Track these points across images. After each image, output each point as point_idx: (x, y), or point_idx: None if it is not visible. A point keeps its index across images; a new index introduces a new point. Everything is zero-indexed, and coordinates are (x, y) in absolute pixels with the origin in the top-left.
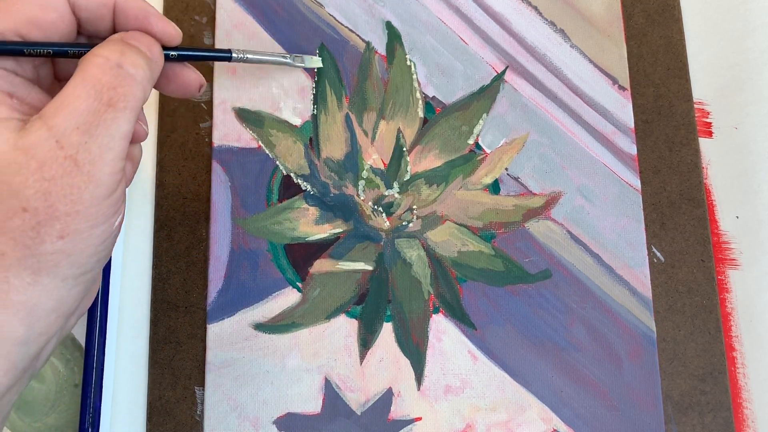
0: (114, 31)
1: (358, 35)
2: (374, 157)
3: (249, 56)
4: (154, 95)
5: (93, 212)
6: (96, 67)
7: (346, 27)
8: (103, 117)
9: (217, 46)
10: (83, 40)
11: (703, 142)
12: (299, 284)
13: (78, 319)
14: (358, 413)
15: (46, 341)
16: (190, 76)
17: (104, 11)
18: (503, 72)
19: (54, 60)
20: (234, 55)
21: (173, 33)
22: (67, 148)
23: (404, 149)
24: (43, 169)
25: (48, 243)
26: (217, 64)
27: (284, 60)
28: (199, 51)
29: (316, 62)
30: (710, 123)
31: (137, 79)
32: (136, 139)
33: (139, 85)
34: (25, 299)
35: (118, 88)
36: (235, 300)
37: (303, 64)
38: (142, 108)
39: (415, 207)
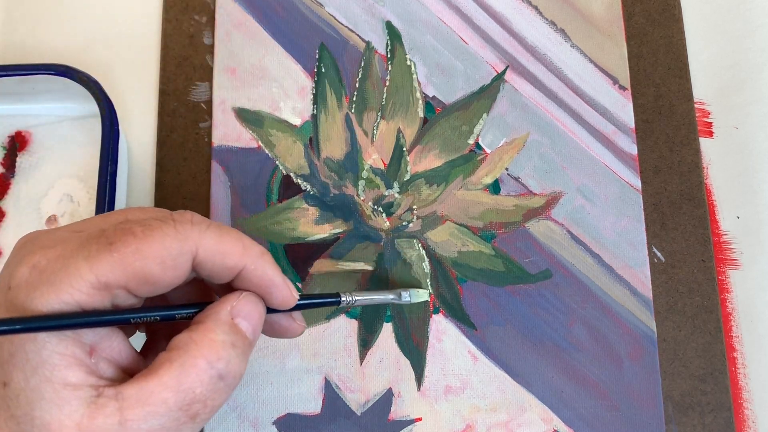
0: (229, 287)
1: (358, 35)
2: (374, 157)
3: (357, 299)
4: (153, 95)
5: None
6: (196, 373)
7: (346, 27)
8: (181, 428)
9: (217, 45)
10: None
11: (704, 142)
12: (299, 284)
13: None
14: (358, 413)
15: None
16: (292, 326)
17: (227, 274)
18: (503, 72)
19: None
20: (342, 299)
21: (290, 301)
22: None
23: (404, 149)
24: None
25: None
26: (217, 64)
27: (391, 299)
28: (309, 299)
29: (423, 296)
30: (711, 123)
31: (233, 386)
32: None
33: (231, 391)
34: None
35: (209, 401)
36: None
37: (410, 300)
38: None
39: (415, 207)
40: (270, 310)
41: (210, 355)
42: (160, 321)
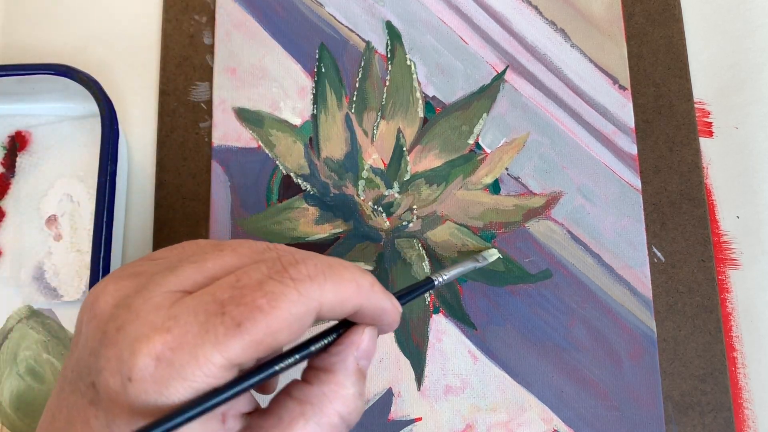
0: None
1: (358, 35)
2: (374, 157)
3: (446, 276)
4: (153, 95)
5: None
6: (330, 429)
7: (346, 27)
8: None
9: (217, 45)
10: None
11: (704, 142)
12: None
13: None
14: None
15: None
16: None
17: (343, 315)
18: (503, 72)
19: None
20: (435, 282)
21: (398, 321)
22: None
23: (404, 149)
24: None
25: None
26: (217, 64)
27: (472, 267)
28: (407, 296)
29: (494, 254)
30: (711, 123)
31: (351, 426)
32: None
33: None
34: None
35: None
36: None
37: (487, 261)
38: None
39: (415, 207)
40: None
41: (343, 411)
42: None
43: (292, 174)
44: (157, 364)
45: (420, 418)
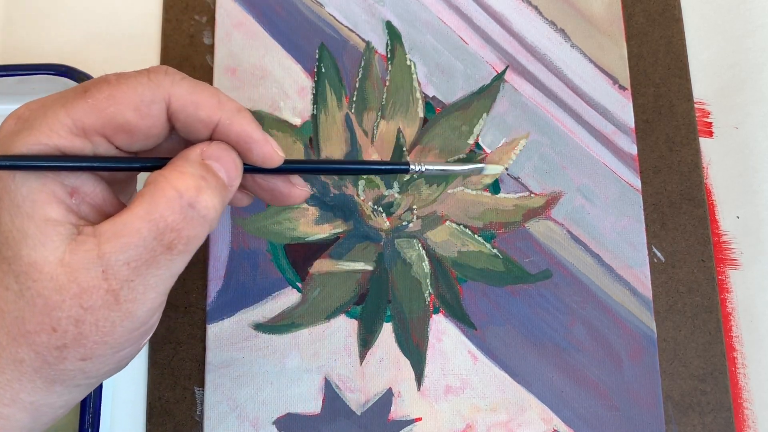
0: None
1: (358, 35)
2: (374, 157)
3: (426, 167)
4: None
5: (121, 341)
6: (166, 201)
7: (346, 27)
8: (158, 258)
9: (217, 46)
10: (171, 140)
11: (704, 142)
12: (299, 284)
13: None
14: (358, 413)
15: (50, 424)
16: (294, 192)
17: (202, 128)
18: (503, 72)
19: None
20: (413, 167)
21: (273, 158)
22: (111, 281)
23: (404, 149)
24: (83, 297)
25: (69, 362)
26: (217, 64)
27: (466, 169)
28: (375, 164)
29: (494, 169)
30: (710, 123)
31: (207, 219)
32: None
33: (208, 225)
34: (35, 400)
35: (183, 231)
36: (234, 300)
37: (485, 172)
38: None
39: (415, 207)
40: (259, 171)
41: (178, 184)
42: (133, 171)
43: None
44: (17, 121)
45: (420, 418)
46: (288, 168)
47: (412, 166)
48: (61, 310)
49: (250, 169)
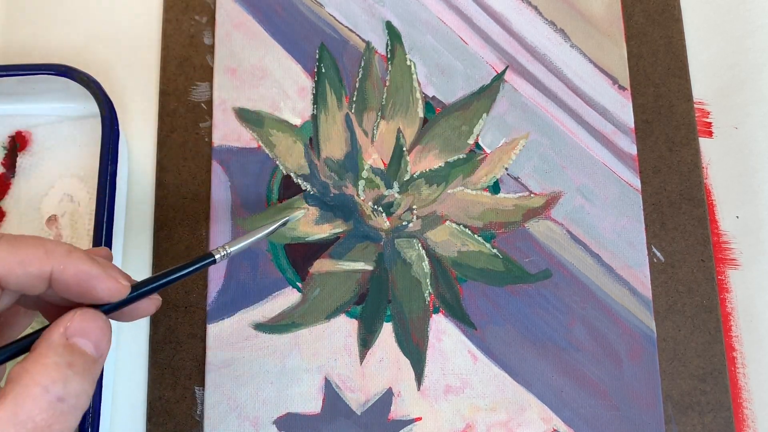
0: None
1: (358, 35)
2: (374, 157)
3: (233, 249)
4: (154, 95)
5: None
6: (32, 400)
7: (346, 27)
8: None
9: (217, 46)
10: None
11: (703, 142)
12: (299, 284)
13: None
14: (358, 413)
15: None
16: (142, 306)
17: (38, 283)
18: (503, 72)
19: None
20: (216, 256)
21: (119, 291)
22: None
23: (404, 149)
24: None
25: None
26: (217, 64)
27: (268, 232)
28: (158, 282)
29: (297, 215)
30: (710, 123)
31: (79, 407)
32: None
33: (81, 411)
34: None
35: (54, 426)
36: (235, 300)
37: (289, 220)
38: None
39: (415, 207)
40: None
41: (44, 380)
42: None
43: (292, 174)
44: None
45: (420, 418)
46: (137, 294)
47: (216, 256)
48: None
49: (108, 309)
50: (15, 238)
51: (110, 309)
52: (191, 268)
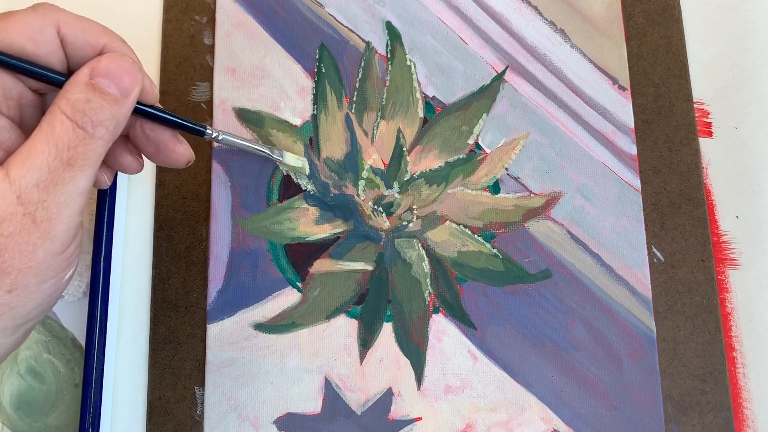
0: None
1: (358, 35)
2: (374, 157)
3: (223, 137)
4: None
5: (45, 267)
6: (60, 125)
7: (346, 27)
8: (62, 176)
9: (217, 46)
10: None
11: (703, 142)
12: (299, 284)
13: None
14: (358, 413)
15: None
16: (178, 149)
17: (91, 52)
18: (503, 72)
19: (42, 101)
20: (208, 131)
21: (150, 91)
22: (26, 204)
23: (404, 149)
24: (2, 225)
25: None
26: (217, 64)
27: (263, 152)
28: (172, 116)
29: (293, 160)
30: (710, 123)
31: (98, 136)
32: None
33: (100, 141)
34: None
35: (78, 147)
36: (235, 300)
37: (281, 159)
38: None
39: (415, 207)
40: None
41: (66, 110)
42: (30, 75)
43: (292, 174)
44: None
45: (420, 418)
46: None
47: (208, 131)
48: None
49: (137, 110)
50: (78, 14)
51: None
52: (184, 122)
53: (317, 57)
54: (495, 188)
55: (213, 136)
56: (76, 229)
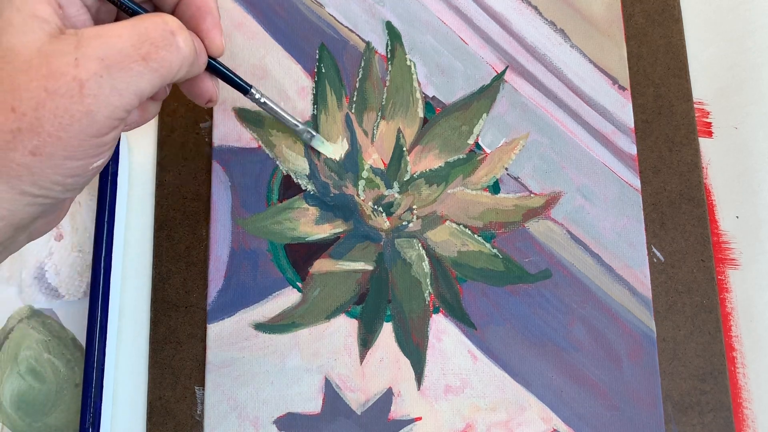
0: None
1: (358, 35)
2: (374, 157)
3: (265, 101)
4: None
5: (75, 144)
6: (151, 22)
7: (346, 27)
8: (131, 65)
9: None
10: None
11: (703, 142)
12: (299, 284)
13: (29, 241)
14: (358, 413)
15: None
16: (208, 85)
17: None
18: (503, 72)
19: (117, 12)
20: (252, 91)
21: (219, 45)
22: (81, 69)
23: (404, 149)
24: (49, 80)
25: (18, 152)
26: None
27: (295, 126)
28: (228, 70)
29: (320, 145)
30: (710, 123)
31: (181, 52)
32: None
33: (180, 58)
34: None
35: (160, 49)
36: (235, 300)
37: (310, 142)
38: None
39: (415, 207)
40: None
41: (165, 17)
42: None
43: (292, 174)
44: None
45: (420, 418)
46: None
47: (252, 91)
48: (26, 90)
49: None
50: None
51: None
52: (233, 75)
53: (317, 57)
54: (495, 188)
55: (256, 98)
56: (118, 122)
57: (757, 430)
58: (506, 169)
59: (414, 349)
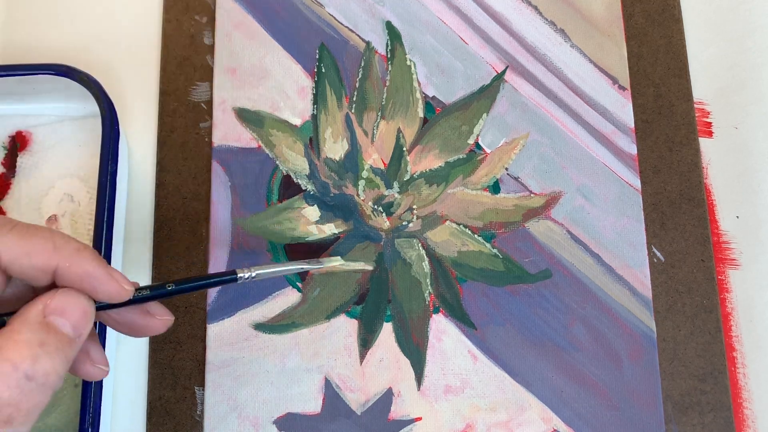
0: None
1: (358, 35)
2: (374, 157)
3: (257, 273)
4: (154, 95)
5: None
6: (1, 377)
7: (346, 27)
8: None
9: (217, 46)
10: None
11: (703, 142)
12: (299, 284)
13: None
14: (358, 413)
15: None
16: (151, 323)
17: (41, 275)
18: (503, 72)
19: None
20: (239, 275)
21: (120, 294)
22: None
23: (404, 149)
24: None
25: None
26: (217, 64)
27: (298, 268)
28: (186, 283)
29: (335, 261)
30: (710, 123)
31: (48, 386)
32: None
33: (50, 390)
34: None
35: (21, 404)
36: (235, 300)
37: (321, 266)
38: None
39: (415, 207)
40: (110, 306)
41: (13, 356)
42: None
43: (292, 174)
44: None
45: (420, 418)
46: (139, 298)
47: (240, 274)
48: None
49: (101, 306)
50: (27, 228)
51: (107, 307)
52: (209, 281)
53: (317, 57)
54: (495, 188)
55: (246, 277)
56: None
57: (757, 430)
58: (506, 169)
59: (414, 349)
